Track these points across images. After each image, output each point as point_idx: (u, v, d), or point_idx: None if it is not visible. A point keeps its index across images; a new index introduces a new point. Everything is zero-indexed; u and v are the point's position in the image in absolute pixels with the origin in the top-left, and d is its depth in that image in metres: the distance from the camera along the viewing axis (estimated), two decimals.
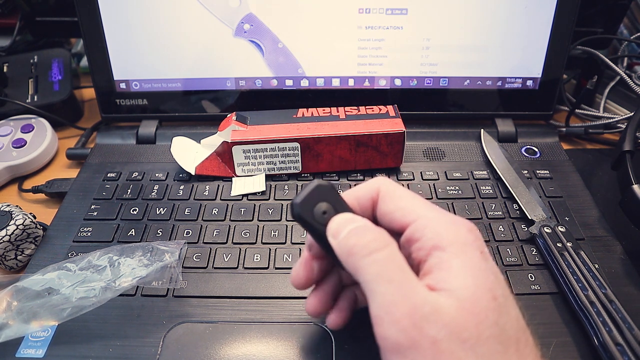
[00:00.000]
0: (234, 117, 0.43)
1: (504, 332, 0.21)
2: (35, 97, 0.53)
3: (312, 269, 0.27)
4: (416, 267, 0.24)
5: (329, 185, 0.25)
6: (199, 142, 0.45)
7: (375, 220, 0.26)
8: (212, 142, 0.44)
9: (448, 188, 0.42)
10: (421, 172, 0.44)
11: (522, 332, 0.22)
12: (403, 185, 0.43)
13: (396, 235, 0.25)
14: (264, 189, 0.42)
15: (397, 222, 0.25)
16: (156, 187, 0.43)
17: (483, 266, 0.22)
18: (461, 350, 0.20)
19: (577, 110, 0.53)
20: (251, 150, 0.42)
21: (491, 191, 0.42)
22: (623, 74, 0.50)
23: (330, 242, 0.24)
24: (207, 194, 0.42)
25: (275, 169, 0.43)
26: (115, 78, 0.48)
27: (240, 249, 0.37)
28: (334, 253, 0.24)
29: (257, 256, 0.37)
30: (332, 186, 0.25)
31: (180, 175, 0.44)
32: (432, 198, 0.42)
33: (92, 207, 0.41)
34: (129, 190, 0.43)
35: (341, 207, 0.25)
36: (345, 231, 0.23)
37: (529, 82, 0.48)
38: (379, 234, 0.23)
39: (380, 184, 0.26)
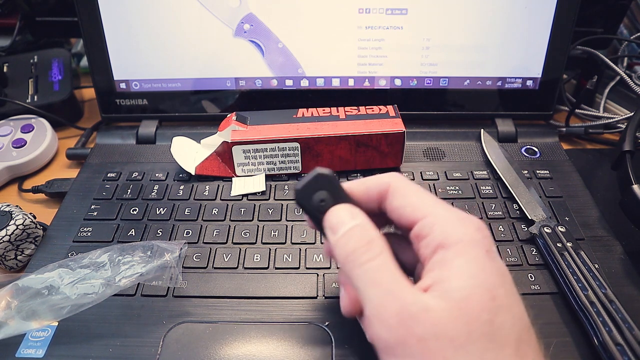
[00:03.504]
0: (234, 117, 0.43)
1: (500, 330, 0.21)
2: (35, 97, 0.53)
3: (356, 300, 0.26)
4: (422, 263, 0.24)
5: (330, 175, 0.26)
6: (199, 142, 0.45)
7: (378, 212, 0.27)
8: (212, 142, 0.44)
9: (448, 188, 0.42)
10: (421, 172, 0.44)
11: (524, 331, 0.22)
12: None
13: (405, 230, 0.25)
14: (264, 189, 0.42)
15: (407, 218, 0.25)
16: (156, 187, 0.43)
17: (488, 265, 0.22)
18: (449, 348, 0.20)
19: (577, 110, 0.53)
20: (251, 150, 0.42)
21: (491, 191, 0.42)
22: (623, 74, 0.50)
23: (328, 236, 0.25)
24: (207, 194, 0.42)
25: (275, 169, 0.43)
26: (115, 78, 0.48)
27: (240, 249, 0.37)
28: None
29: (257, 256, 0.37)
30: (333, 176, 0.26)
31: (180, 175, 0.44)
32: None
33: (92, 207, 0.41)
34: (129, 190, 0.43)
35: (339, 196, 0.26)
36: (342, 230, 0.24)
37: (529, 82, 0.48)
38: (372, 242, 0.23)
39: (392, 179, 0.26)
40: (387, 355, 0.22)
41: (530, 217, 0.38)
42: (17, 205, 0.39)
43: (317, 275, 0.35)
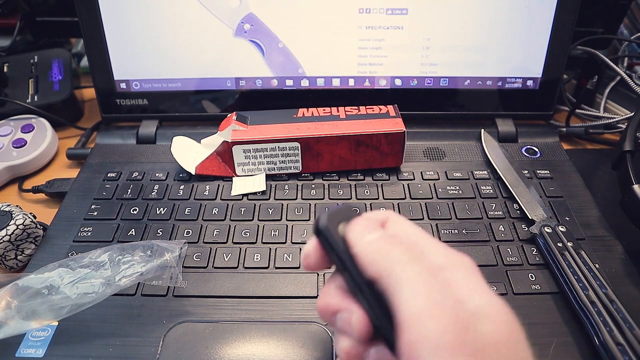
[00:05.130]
0: (235, 117, 0.43)
1: (525, 342, 0.20)
2: (36, 97, 0.53)
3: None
4: None
5: (355, 210, 0.26)
6: (199, 142, 0.45)
7: None
8: (213, 141, 0.44)
9: (448, 188, 0.42)
10: (421, 172, 0.44)
11: None
12: (403, 185, 0.43)
13: None
14: (264, 189, 0.42)
15: None
16: (156, 187, 0.43)
17: (493, 292, 0.22)
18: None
19: (577, 110, 0.53)
20: (251, 150, 0.42)
21: (491, 191, 0.42)
22: (623, 74, 0.50)
23: (352, 239, 0.23)
24: (207, 193, 0.42)
25: (276, 168, 0.43)
26: (116, 78, 0.48)
27: (240, 249, 0.37)
28: (349, 275, 0.23)
29: (257, 256, 0.37)
30: (358, 211, 0.26)
31: (181, 175, 0.44)
32: (432, 198, 0.42)
33: (92, 207, 0.41)
34: (129, 190, 0.43)
35: None
36: (376, 234, 0.23)
37: (529, 82, 0.48)
38: (411, 252, 0.22)
39: (389, 213, 0.26)
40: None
41: (530, 217, 0.38)
42: (17, 205, 0.39)
43: (317, 274, 0.35)
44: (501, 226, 0.39)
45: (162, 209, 0.41)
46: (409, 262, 0.21)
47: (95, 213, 0.41)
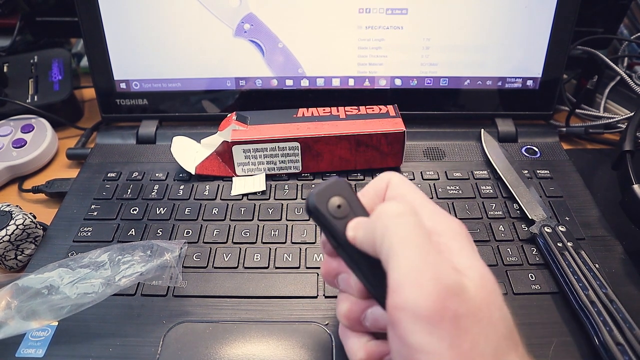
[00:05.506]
0: (234, 117, 0.43)
1: (508, 317, 0.21)
2: (36, 97, 0.53)
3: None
4: None
5: (345, 182, 0.25)
6: (199, 142, 0.45)
7: None
8: (212, 141, 0.44)
9: (448, 188, 0.42)
10: (421, 172, 0.44)
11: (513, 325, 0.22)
12: None
13: None
14: (264, 189, 0.42)
15: None
16: (156, 187, 0.43)
17: (479, 255, 0.23)
18: (477, 329, 0.20)
19: (577, 110, 0.53)
20: (251, 150, 0.42)
21: (491, 191, 0.42)
22: (623, 74, 0.50)
23: (349, 234, 0.24)
24: (207, 193, 0.42)
25: (276, 168, 0.43)
26: (116, 78, 0.48)
27: (240, 249, 0.37)
28: (344, 251, 0.24)
29: (257, 256, 0.37)
30: (348, 183, 0.25)
31: (180, 175, 0.44)
32: (432, 198, 0.42)
33: (92, 207, 0.41)
34: (129, 190, 0.43)
35: (355, 203, 0.25)
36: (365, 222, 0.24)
37: (529, 82, 0.48)
38: (405, 205, 0.23)
39: (391, 174, 0.27)
40: (410, 328, 0.20)
41: (530, 217, 0.38)
42: (17, 205, 0.39)
43: (317, 274, 0.35)
44: (501, 226, 0.39)
45: (162, 209, 0.41)
46: (404, 225, 0.22)
47: (95, 213, 0.41)
